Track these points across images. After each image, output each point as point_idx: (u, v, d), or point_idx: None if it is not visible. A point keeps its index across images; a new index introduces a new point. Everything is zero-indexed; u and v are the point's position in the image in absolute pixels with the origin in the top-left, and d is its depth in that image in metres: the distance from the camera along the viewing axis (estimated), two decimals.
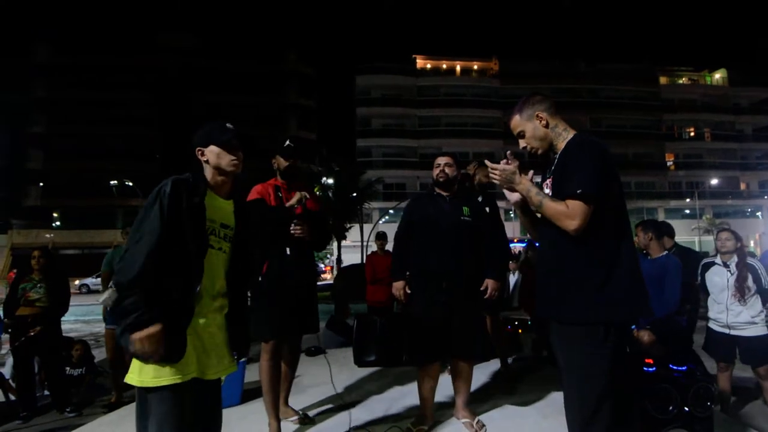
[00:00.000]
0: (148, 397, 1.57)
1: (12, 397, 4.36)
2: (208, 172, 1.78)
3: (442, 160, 2.89)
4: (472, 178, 3.81)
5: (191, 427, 1.64)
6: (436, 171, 2.88)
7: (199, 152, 1.79)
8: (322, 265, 29.58)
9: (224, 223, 1.76)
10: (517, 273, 7.51)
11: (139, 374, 1.56)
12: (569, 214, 1.64)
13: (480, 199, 3.76)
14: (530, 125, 1.83)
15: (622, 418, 1.68)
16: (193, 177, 1.73)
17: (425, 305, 2.68)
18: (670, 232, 4.13)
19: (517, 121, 1.86)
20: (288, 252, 2.66)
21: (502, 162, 1.84)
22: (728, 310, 3.42)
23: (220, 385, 1.77)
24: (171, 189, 1.61)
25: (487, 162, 1.87)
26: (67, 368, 4.71)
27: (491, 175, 1.86)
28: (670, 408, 2.22)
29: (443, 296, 2.63)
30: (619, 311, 1.64)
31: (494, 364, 3.91)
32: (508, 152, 1.86)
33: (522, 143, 1.89)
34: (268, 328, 2.64)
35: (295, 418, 2.84)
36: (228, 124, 1.81)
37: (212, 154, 1.76)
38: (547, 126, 1.82)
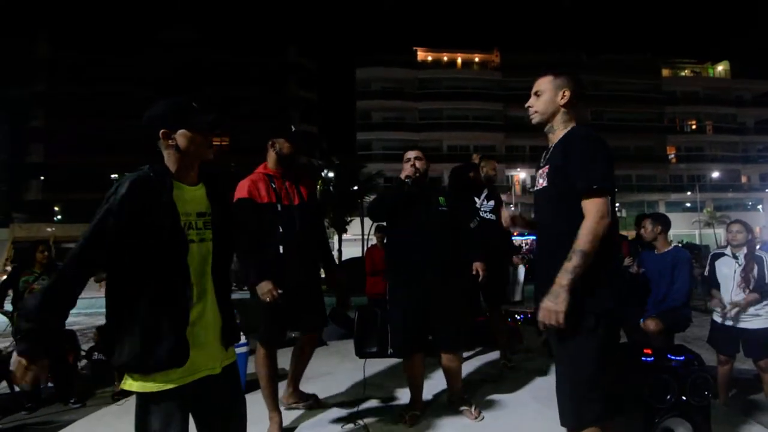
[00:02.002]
0: (149, 404, 1.47)
1: (17, 389, 4.40)
2: (173, 158, 1.55)
3: (411, 154, 2.77)
4: (478, 170, 3.81)
5: (214, 422, 1.62)
6: (407, 166, 2.72)
7: (164, 134, 1.54)
8: None
9: (200, 212, 1.59)
10: (521, 267, 7.50)
11: (139, 381, 1.46)
12: (596, 218, 1.61)
13: (486, 192, 3.78)
14: (552, 92, 1.83)
15: (618, 407, 1.71)
16: (155, 171, 1.52)
17: (405, 298, 2.67)
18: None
19: (547, 81, 1.86)
20: (281, 250, 2.51)
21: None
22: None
23: (234, 370, 1.69)
24: (127, 192, 1.42)
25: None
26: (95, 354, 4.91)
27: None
28: (668, 397, 2.24)
29: (421, 288, 2.62)
30: (603, 301, 1.66)
31: (495, 356, 3.94)
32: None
33: (530, 101, 1.89)
34: (263, 334, 2.65)
35: (304, 404, 2.89)
36: (194, 103, 1.58)
37: (184, 138, 1.54)
38: (563, 106, 1.82)
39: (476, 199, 3.72)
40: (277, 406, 2.66)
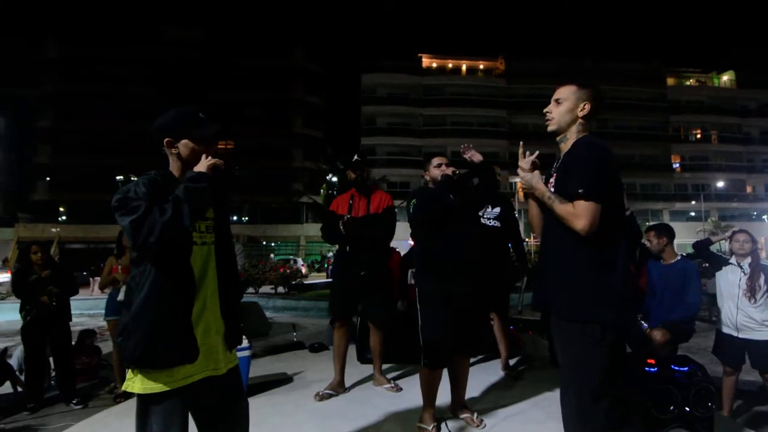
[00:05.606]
0: (150, 405, 1.49)
1: (19, 389, 4.41)
2: (176, 166, 1.64)
3: (443, 160, 2.86)
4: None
5: (215, 424, 1.63)
6: (439, 171, 2.81)
7: (168, 143, 1.62)
8: (301, 261, 26.10)
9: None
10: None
11: (142, 381, 1.48)
12: (576, 213, 1.66)
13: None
14: (572, 103, 1.83)
15: (623, 417, 1.70)
16: (161, 175, 1.59)
17: (443, 307, 2.57)
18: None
19: (569, 91, 1.85)
20: (347, 249, 3.27)
21: (521, 161, 1.91)
22: (738, 310, 3.43)
23: (237, 373, 1.71)
24: (148, 188, 1.49)
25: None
26: None
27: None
28: (671, 408, 2.23)
29: (460, 295, 2.57)
30: (610, 311, 1.65)
31: (497, 364, 3.92)
32: (528, 153, 1.91)
33: (549, 108, 1.89)
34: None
35: (389, 386, 3.34)
36: (200, 114, 1.65)
37: (186, 148, 1.62)
38: (580, 117, 1.83)
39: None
40: (342, 368, 3.36)
